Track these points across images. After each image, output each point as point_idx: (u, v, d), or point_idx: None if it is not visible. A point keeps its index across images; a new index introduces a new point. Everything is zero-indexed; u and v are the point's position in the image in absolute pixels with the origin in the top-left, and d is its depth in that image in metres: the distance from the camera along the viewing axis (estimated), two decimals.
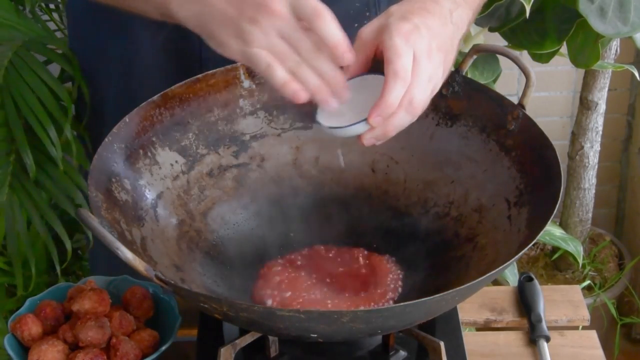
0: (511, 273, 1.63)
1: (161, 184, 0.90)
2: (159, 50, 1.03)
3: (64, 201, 1.29)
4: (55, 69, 1.34)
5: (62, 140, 1.25)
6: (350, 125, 0.77)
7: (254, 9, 0.75)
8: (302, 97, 0.77)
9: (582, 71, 1.83)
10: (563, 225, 1.96)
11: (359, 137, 0.78)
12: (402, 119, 0.76)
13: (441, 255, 0.90)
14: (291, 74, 0.76)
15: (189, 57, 1.01)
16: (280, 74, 0.76)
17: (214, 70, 0.95)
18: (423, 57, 0.75)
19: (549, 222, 0.78)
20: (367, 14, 1.01)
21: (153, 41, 1.02)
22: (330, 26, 0.74)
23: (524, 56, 1.53)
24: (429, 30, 0.76)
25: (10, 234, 1.34)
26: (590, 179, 1.90)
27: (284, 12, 0.75)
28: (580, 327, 1.03)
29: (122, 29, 1.04)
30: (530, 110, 0.90)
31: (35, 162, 1.30)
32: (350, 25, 0.83)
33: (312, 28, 0.75)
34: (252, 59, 0.76)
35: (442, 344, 0.85)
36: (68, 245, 1.31)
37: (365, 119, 0.75)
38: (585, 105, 1.81)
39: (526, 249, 0.76)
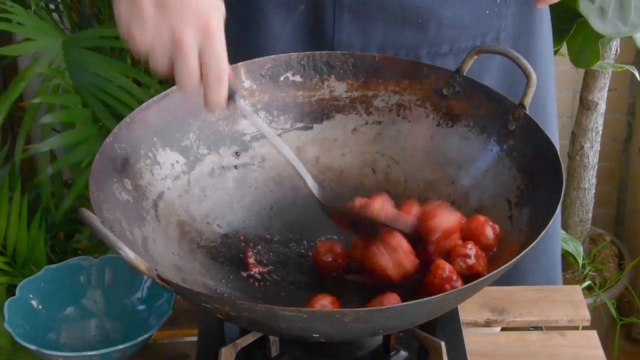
0: None
1: (162, 184, 0.90)
2: (290, 35, 1.04)
3: None
4: None
5: None
6: None
7: (167, 25, 0.74)
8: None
9: (582, 71, 1.83)
10: (563, 225, 1.96)
11: None
12: None
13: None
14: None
15: (321, 41, 1.02)
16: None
17: None
18: None
19: (551, 222, 0.78)
20: (498, 0, 1.03)
21: (284, 26, 1.03)
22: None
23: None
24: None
25: None
26: (590, 179, 1.90)
27: (187, 47, 0.75)
28: (581, 327, 1.03)
29: (254, 19, 1.05)
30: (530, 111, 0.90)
31: None
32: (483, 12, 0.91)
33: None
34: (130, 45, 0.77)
35: (442, 344, 0.85)
36: None
37: None
38: (585, 105, 1.81)
39: (528, 249, 0.76)
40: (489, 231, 0.84)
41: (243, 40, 1.05)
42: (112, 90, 1.33)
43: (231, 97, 0.80)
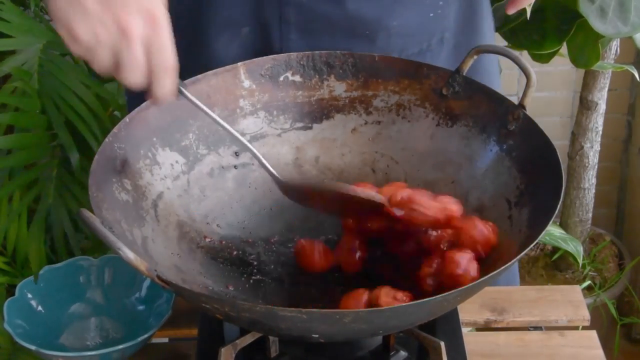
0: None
1: (161, 184, 0.90)
2: (235, 56, 1.02)
3: None
4: None
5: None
6: None
7: (111, 16, 0.74)
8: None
9: (582, 71, 1.83)
10: (563, 225, 1.96)
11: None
12: None
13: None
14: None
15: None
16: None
17: (215, 70, 0.95)
18: None
19: (550, 222, 0.78)
20: (441, 2, 1.03)
21: (229, 48, 1.02)
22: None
23: (524, 56, 1.53)
24: None
25: (58, 236, 1.35)
26: (590, 179, 1.90)
27: (133, 37, 0.74)
28: (580, 327, 1.03)
29: (199, 38, 1.04)
30: (530, 110, 0.90)
31: (79, 164, 1.32)
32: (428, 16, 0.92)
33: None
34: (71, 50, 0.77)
35: (442, 344, 0.85)
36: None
37: None
38: (585, 105, 1.81)
39: (527, 249, 0.76)
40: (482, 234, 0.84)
41: (189, 58, 1.04)
42: (72, 100, 1.33)
43: (180, 91, 0.80)
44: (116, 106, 1.41)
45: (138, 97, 0.85)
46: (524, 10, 1.40)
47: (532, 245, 0.76)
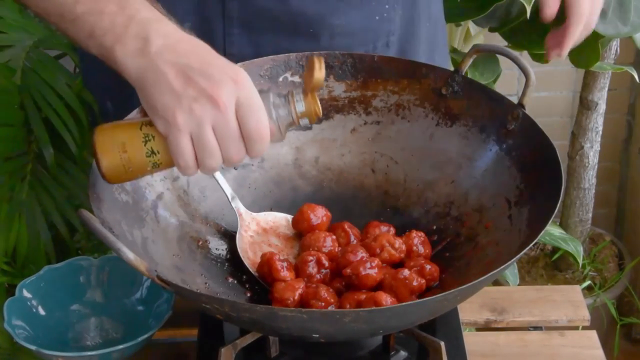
0: (511, 273, 1.63)
1: (161, 185, 0.90)
2: None
3: (81, 197, 1.32)
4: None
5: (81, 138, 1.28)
6: None
7: (198, 91, 0.72)
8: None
9: (582, 71, 1.83)
10: (563, 225, 1.96)
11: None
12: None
13: (441, 255, 0.90)
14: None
15: None
16: (184, 162, 0.74)
17: None
18: None
19: (550, 222, 0.78)
20: (387, 6, 1.02)
21: None
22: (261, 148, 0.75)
23: (524, 56, 1.53)
24: None
25: (31, 232, 1.35)
26: (590, 179, 1.90)
27: (225, 106, 0.72)
28: (580, 327, 1.04)
29: None
30: (530, 110, 0.90)
31: (54, 160, 1.32)
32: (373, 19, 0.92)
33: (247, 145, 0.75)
34: (170, 139, 0.74)
35: (442, 344, 0.85)
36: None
37: None
38: (585, 105, 1.81)
39: (527, 248, 0.76)
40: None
41: None
42: (51, 97, 1.33)
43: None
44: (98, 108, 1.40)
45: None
46: (524, 10, 1.40)
47: (531, 245, 0.76)
